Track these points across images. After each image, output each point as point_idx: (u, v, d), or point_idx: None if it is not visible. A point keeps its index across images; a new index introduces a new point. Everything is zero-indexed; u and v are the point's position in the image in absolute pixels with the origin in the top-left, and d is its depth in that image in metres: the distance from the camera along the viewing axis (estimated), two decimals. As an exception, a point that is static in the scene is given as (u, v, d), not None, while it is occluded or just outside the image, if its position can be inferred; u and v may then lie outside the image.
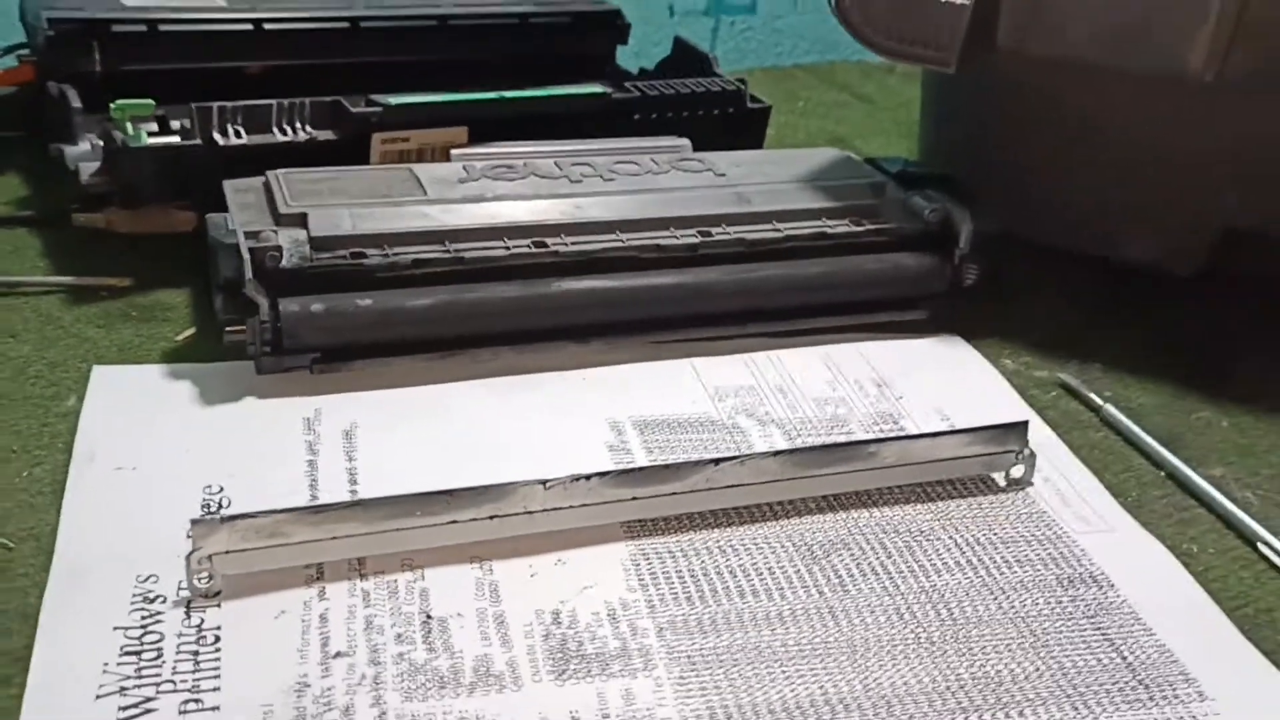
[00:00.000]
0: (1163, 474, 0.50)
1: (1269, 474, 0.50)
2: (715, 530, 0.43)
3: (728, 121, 0.69)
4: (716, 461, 0.43)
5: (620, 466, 0.43)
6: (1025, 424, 0.47)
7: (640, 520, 0.43)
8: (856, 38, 0.57)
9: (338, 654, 0.36)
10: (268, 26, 0.70)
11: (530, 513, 0.41)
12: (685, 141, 0.64)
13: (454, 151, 0.60)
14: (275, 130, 0.58)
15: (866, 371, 0.54)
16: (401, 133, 0.61)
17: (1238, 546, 0.46)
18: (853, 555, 0.43)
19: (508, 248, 0.52)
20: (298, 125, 0.59)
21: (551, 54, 0.79)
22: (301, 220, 0.50)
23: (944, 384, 0.54)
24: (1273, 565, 0.45)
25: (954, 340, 0.58)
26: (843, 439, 0.49)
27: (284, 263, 0.48)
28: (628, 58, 0.83)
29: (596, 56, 0.81)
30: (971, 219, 0.57)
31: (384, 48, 0.75)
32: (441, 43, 0.76)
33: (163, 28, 0.67)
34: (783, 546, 0.43)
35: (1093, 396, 0.54)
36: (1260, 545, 0.45)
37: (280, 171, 0.54)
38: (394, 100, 0.59)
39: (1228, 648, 0.40)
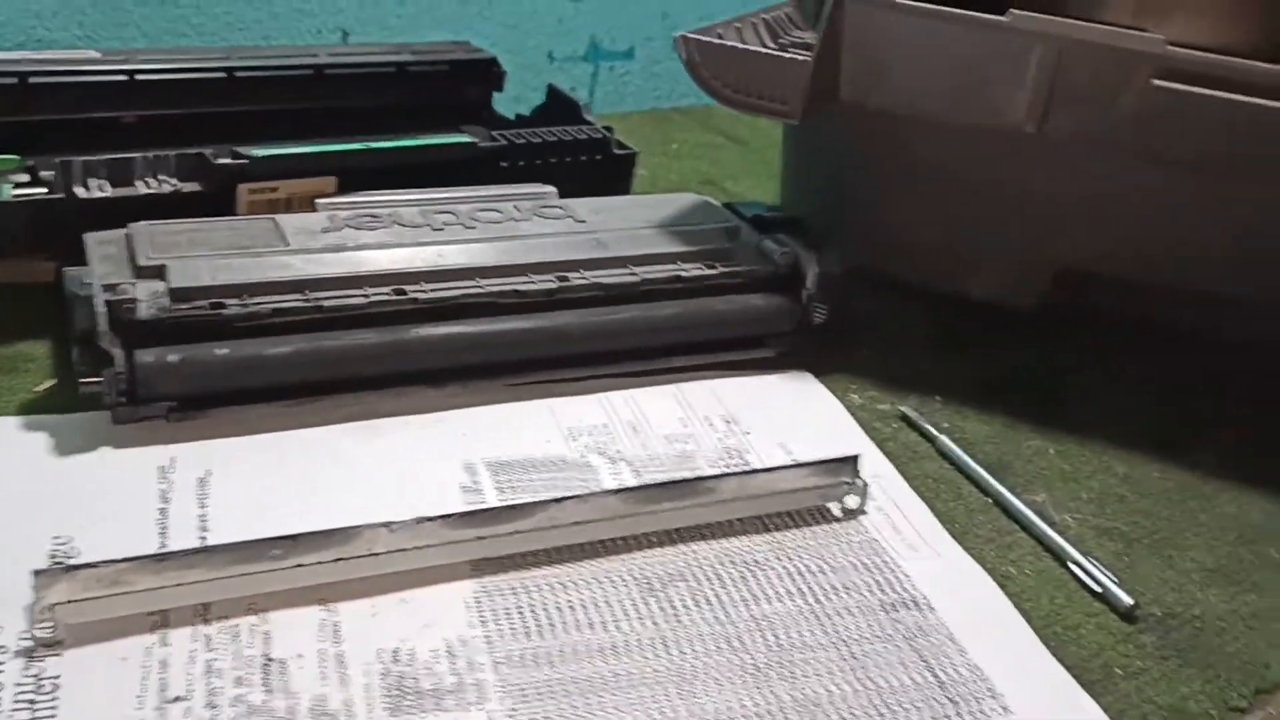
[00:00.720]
0: (989, 501, 0.53)
1: (1088, 498, 0.54)
2: (558, 566, 0.45)
3: (595, 167, 0.72)
4: (559, 500, 0.45)
5: (468, 507, 0.45)
6: (857, 457, 0.50)
7: (486, 559, 0.45)
8: (707, 92, 0.60)
9: (175, 699, 0.37)
10: (141, 77, 0.71)
11: (375, 554, 0.43)
12: (551, 189, 0.66)
13: (319, 201, 0.61)
14: (140, 183, 0.60)
15: (717, 408, 0.57)
16: (269, 183, 0.62)
17: (1053, 567, 0.49)
18: (689, 586, 0.45)
19: (367, 295, 0.53)
20: (162, 178, 0.60)
21: (429, 102, 0.81)
22: (160, 272, 0.52)
23: (790, 419, 0.57)
24: (1082, 584, 0.48)
25: (803, 376, 0.61)
26: (688, 474, 0.51)
27: (140, 314, 0.49)
28: (509, 103, 0.85)
29: (474, 104, 0.83)
30: (818, 262, 0.60)
31: (260, 97, 0.76)
32: (318, 92, 0.77)
33: (33, 80, 0.68)
34: (622, 580, 0.45)
35: (930, 428, 0.57)
36: (1071, 564, 0.48)
37: (143, 224, 0.55)
38: (259, 152, 0.61)
39: (1034, 663, 0.43)
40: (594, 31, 1.00)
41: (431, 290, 0.55)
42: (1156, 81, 0.54)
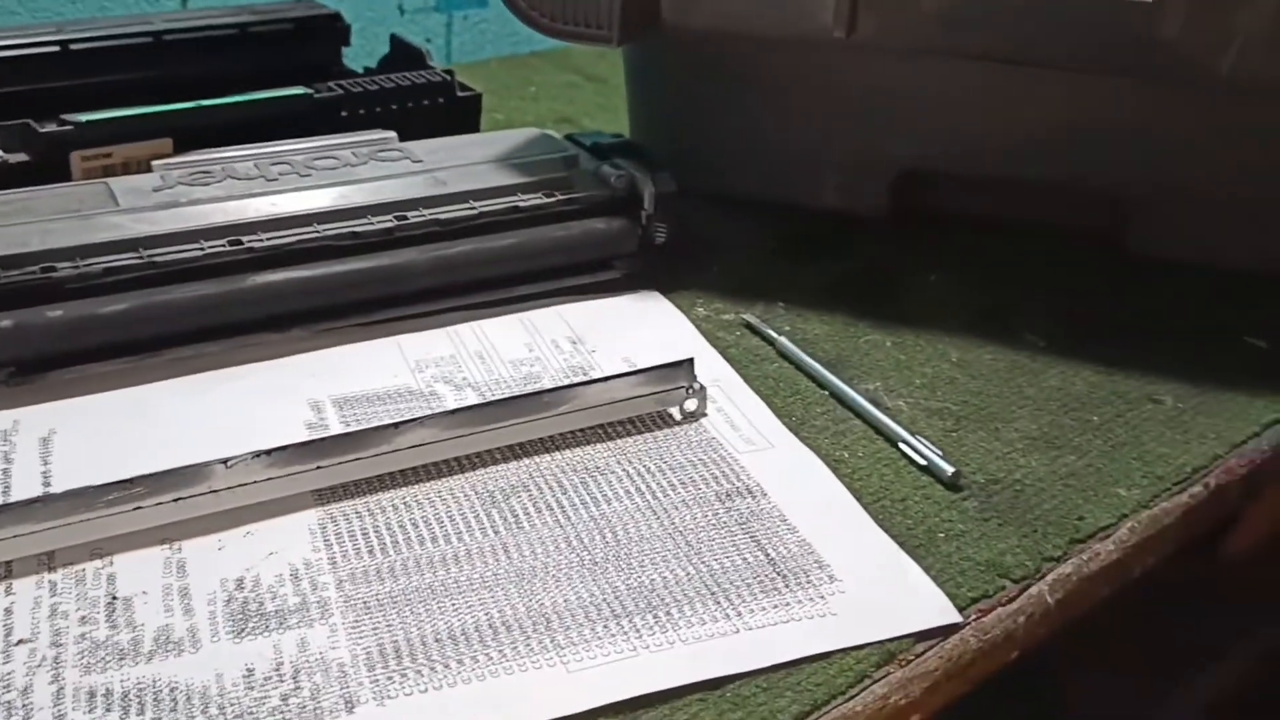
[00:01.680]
0: (826, 394, 0.55)
1: (920, 383, 0.56)
2: (401, 489, 0.46)
3: (439, 111, 0.73)
4: (396, 425, 0.46)
5: (305, 439, 0.46)
6: (691, 360, 0.52)
7: (330, 487, 0.46)
8: (524, 22, 0.61)
9: (19, 641, 0.38)
10: (-29, 55, 0.70)
11: (215, 491, 0.44)
12: (390, 134, 0.66)
13: (154, 163, 0.61)
14: (-37, 157, 0.59)
15: (563, 331, 0.58)
16: (102, 149, 0.62)
17: (884, 449, 0.51)
18: (530, 496, 0.47)
19: (203, 249, 0.54)
20: (-13, 150, 0.60)
21: (275, 63, 0.80)
22: (-13, 241, 0.51)
23: (635, 336, 0.58)
24: (911, 461, 0.50)
25: (650, 295, 0.62)
26: (532, 390, 0.52)
27: (-33, 283, 0.49)
28: (360, 58, 0.85)
29: (321, 62, 0.82)
30: (654, 182, 0.62)
31: (98, 69, 0.75)
32: (159, 61, 0.77)
33: None
34: (465, 495, 0.46)
35: (770, 331, 0.59)
36: (901, 444, 0.51)
37: (-32, 196, 0.55)
38: (85, 117, 0.61)
39: (861, 535, 0.46)
40: (443, -19, 1.00)
41: (268, 239, 0.55)
42: (951, -20, 0.56)
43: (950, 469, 0.49)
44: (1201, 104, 0.60)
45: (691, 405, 0.52)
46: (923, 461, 0.50)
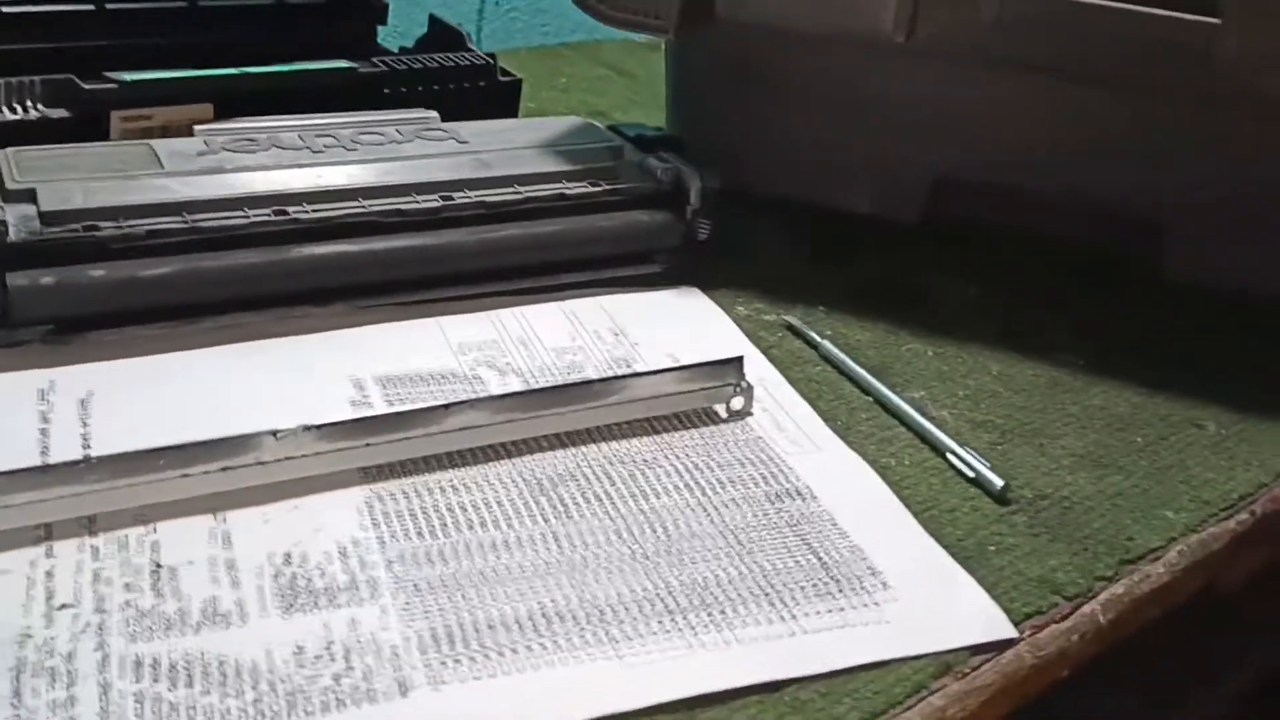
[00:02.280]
0: (870, 399, 0.54)
1: (963, 395, 0.56)
2: (449, 471, 0.46)
3: (479, 94, 0.72)
4: (446, 406, 0.46)
5: (354, 416, 0.45)
6: (740, 359, 0.51)
7: (377, 465, 0.45)
8: (583, 9, 0.60)
9: (63, 606, 0.37)
10: (7, 10, 0.69)
11: (263, 463, 0.43)
12: (433, 114, 0.66)
13: (196, 128, 0.60)
14: (4, 109, 0.58)
15: (605, 322, 0.58)
16: (143, 110, 0.61)
17: (931, 458, 0.51)
18: (579, 485, 0.46)
19: (247, 216, 0.53)
20: (28, 104, 0.58)
21: (309, 37, 0.79)
22: (30, 196, 0.50)
23: (678, 330, 0.58)
24: (958, 472, 0.50)
25: (691, 291, 0.62)
26: (581, 380, 0.52)
27: (10, 237, 0.48)
28: (395, 39, 0.84)
29: (356, 37, 0.81)
30: (701, 177, 0.61)
31: (131, 30, 0.73)
32: (193, 26, 0.75)
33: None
34: (513, 481, 0.46)
35: (813, 335, 0.58)
36: (949, 455, 0.50)
37: (10, 150, 0.53)
38: (129, 76, 0.59)
39: (913, 543, 0.45)
40: (478, -34, 0.99)
41: (313, 211, 0.54)
42: (1012, -8, 0.56)
43: (1000, 482, 0.48)
44: (1248, 127, 0.60)
45: (739, 404, 0.51)
46: (971, 473, 0.49)
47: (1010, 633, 0.41)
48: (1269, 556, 0.81)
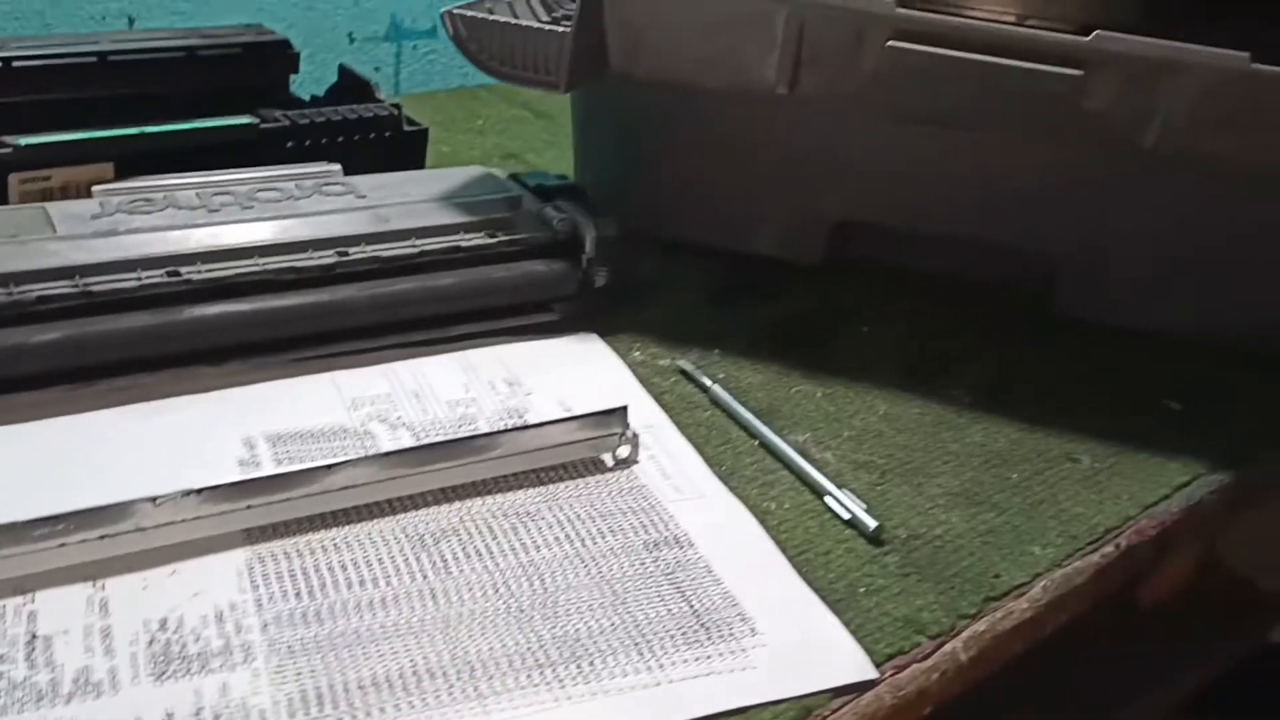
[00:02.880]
0: (756, 443, 0.56)
1: (848, 435, 0.57)
2: (332, 529, 0.47)
3: (386, 145, 0.73)
4: (329, 466, 0.47)
5: (238, 478, 0.46)
6: (625, 408, 0.53)
7: (260, 527, 0.46)
8: (476, 66, 0.62)
9: (-65, 680, 0.38)
10: (-91, 69, 0.69)
11: (143, 529, 0.43)
12: (335, 167, 0.67)
13: (95, 188, 0.61)
14: (-103, 176, 0.59)
15: (500, 372, 0.59)
16: (40, 172, 0.62)
17: (810, 501, 0.52)
18: (460, 540, 0.47)
19: (140, 279, 0.54)
20: (-78, 169, 0.59)
21: (222, 86, 0.80)
22: (-81, 264, 0.51)
23: (572, 378, 0.59)
24: (835, 514, 0.51)
25: (588, 338, 0.63)
26: (466, 434, 0.53)
27: (-103, 308, 0.49)
28: (311, 85, 0.86)
29: (268, 87, 0.82)
30: (596, 226, 0.62)
31: (41, 87, 0.74)
32: (104, 80, 0.76)
33: None
34: (395, 538, 0.47)
35: (704, 379, 0.60)
36: (827, 498, 0.52)
37: (-100, 217, 0.54)
38: (25, 140, 0.60)
39: (785, 588, 0.47)
40: (394, 11, 1.00)
41: (207, 271, 0.55)
42: (892, 42, 0.58)
43: (873, 523, 0.50)
44: (1126, 171, 0.62)
45: (624, 452, 0.53)
46: (847, 515, 0.51)
47: (871, 674, 0.43)
48: (1196, 563, 0.83)
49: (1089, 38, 0.55)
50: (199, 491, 0.44)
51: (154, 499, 0.43)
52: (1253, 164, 0.56)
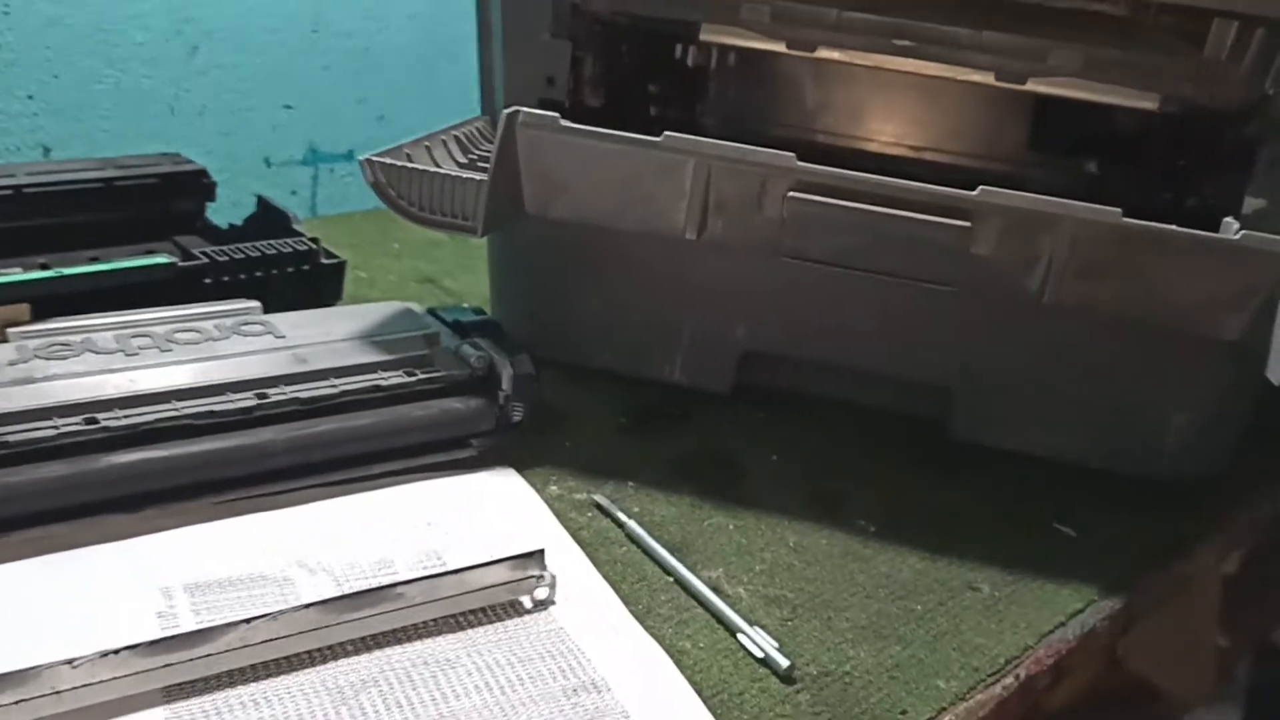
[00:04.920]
0: (671, 580, 0.58)
1: (760, 569, 0.59)
2: (253, 684, 0.47)
3: (304, 278, 0.74)
4: (249, 620, 0.47)
5: (156, 635, 0.46)
6: (542, 551, 0.54)
7: (178, 684, 0.46)
8: (394, 210, 0.64)
9: None
10: None
11: (59, 692, 0.43)
12: (255, 304, 0.68)
13: (10, 331, 0.61)
14: None
15: (419, 511, 0.60)
16: (-45, 314, 0.62)
17: (725, 639, 0.54)
18: (380, 691, 0.47)
19: (56, 428, 0.54)
20: None
21: (139, 216, 0.81)
22: None
23: (490, 516, 0.60)
24: (749, 653, 0.53)
25: (505, 473, 0.64)
26: (387, 579, 0.53)
27: None
28: (229, 209, 0.87)
29: (186, 215, 0.83)
30: (513, 364, 0.64)
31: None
32: (20, 212, 0.77)
33: None
34: (315, 691, 0.47)
35: (619, 515, 0.61)
36: (740, 636, 0.54)
37: None
38: (-62, 285, 0.60)
39: (700, 732, 0.48)
40: (311, 136, 1.02)
41: (125, 417, 0.55)
42: (793, 194, 0.61)
43: (785, 662, 0.52)
44: (1014, 310, 0.66)
45: (542, 594, 0.54)
46: (760, 654, 0.52)
47: (785, 820, 0.44)
48: (1093, 679, 0.86)
49: (975, 192, 0.59)
50: (116, 652, 0.44)
51: (71, 661, 0.43)
52: (1125, 313, 0.60)
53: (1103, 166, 0.89)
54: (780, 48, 0.72)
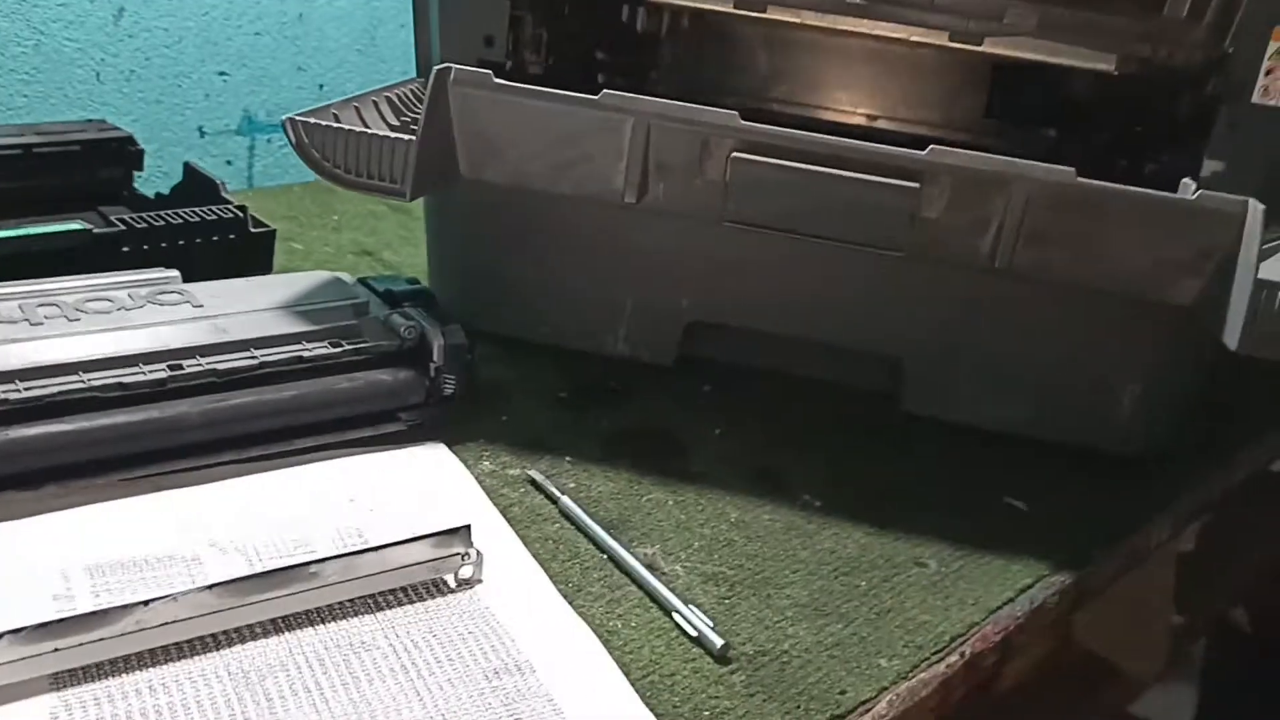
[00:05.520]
0: (605, 557, 0.55)
1: (699, 545, 0.57)
2: (148, 670, 0.44)
3: (231, 248, 0.71)
4: (145, 602, 0.44)
5: (56, 617, 0.43)
6: (468, 527, 0.51)
7: (69, 670, 0.43)
8: (318, 172, 0.60)
9: None
10: None
11: (-65, 680, 0.40)
12: (173, 273, 0.65)
13: (-91, 299, 0.58)
14: None
15: (342, 487, 0.57)
16: None
17: (658, 618, 0.51)
18: (289, 676, 0.45)
19: (-49, 400, 0.51)
20: None
21: (61, 184, 0.78)
22: None
23: (417, 492, 0.57)
24: (683, 632, 0.51)
25: (436, 448, 0.62)
26: (303, 558, 0.51)
27: None
28: (156, 182, 0.83)
29: (112, 184, 0.80)
30: (444, 334, 0.61)
31: None
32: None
33: None
34: (217, 677, 0.44)
35: (554, 490, 0.59)
36: (674, 614, 0.51)
37: None
38: None
39: (627, 717, 0.45)
40: (246, 105, 0.98)
41: (26, 389, 0.52)
42: (736, 154, 0.58)
43: (720, 642, 0.49)
44: (964, 277, 0.64)
45: (467, 573, 0.51)
46: (694, 633, 0.50)
47: (713, 807, 0.42)
48: (1045, 656, 0.85)
49: (924, 152, 0.57)
50: (1, 635, 0.41)
51: (-52, 646, 0.40)
52: (1079, 278, 0.58)
53: (1061, 132, 0.86)
54: (728, 7, 0.69)
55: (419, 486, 0.58)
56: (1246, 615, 1.29)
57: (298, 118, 0.60)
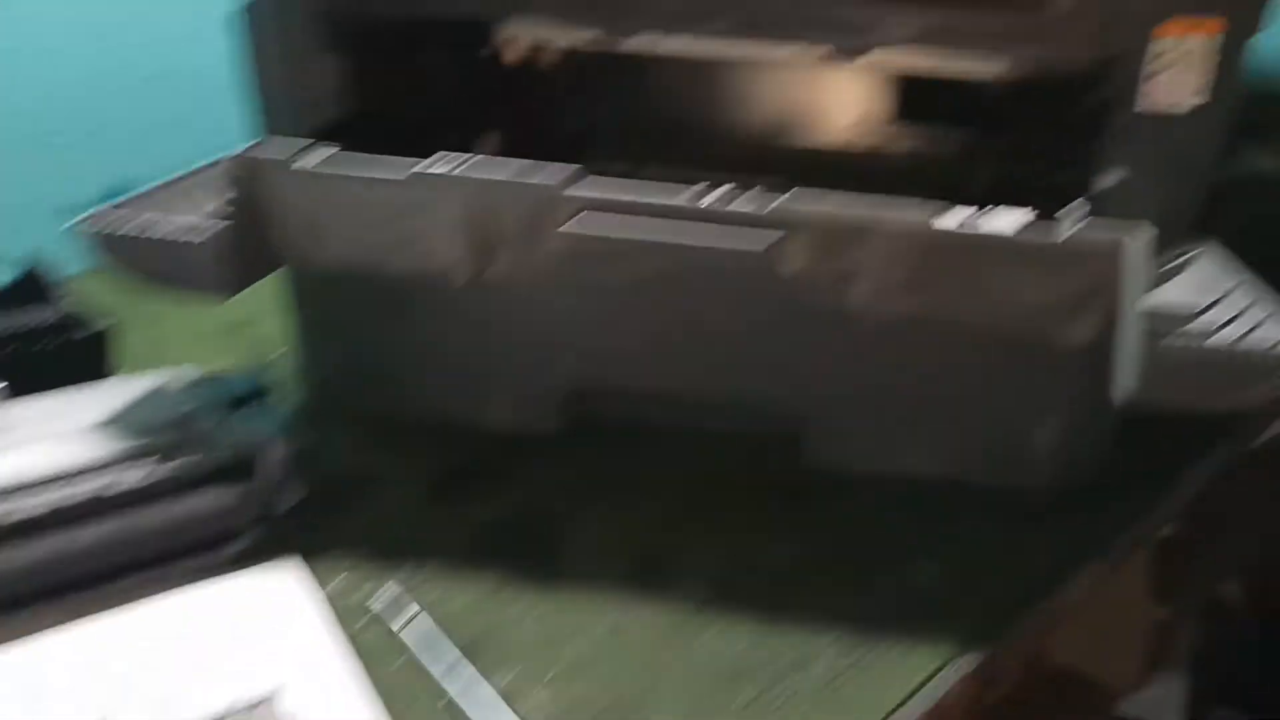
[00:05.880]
0: (449, 698, 0.49)
1: (565, 665, 0.51)
2: None
3: (58, 354, 0.65)
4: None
5: None
6: (275, 694, 0.45)
7: None
8: (124, 276, 0.54)
9: None
10: None
11: None
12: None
13: None
14: None
15: (154, 642, 0.51)
16: None
17: (508, 766, 0.46)
18: None
19: None
20: None
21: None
22: None
23: (246, 636, 0.51)
24: (532, 784, 0.45)
25: (285, 566, 0.56)
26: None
27: None
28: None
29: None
30: (273, 448, 0.56)
31: None
32: None
33: None
34: None
35: (397, 622, 0.53)
36: (524, 763, 0.46)
37: None
38: None
39: None
40: (112, 174, 0.92)
41: None
42: (578, 218, 0.52)
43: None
44: (860, 325, 0.58)
45: (285, 738, 0.46)
46: (542, 788, 0.45)
47: None
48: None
49: (774, 203, 0.51)
50: None
51: None
52: (965, 321, 0.52)
53: (975, 133, 0.80)
54: (585, 44, 0.62)
55: (251, 628, 0.52)
56: (1242, 588, 1.22)
57: (90, 220, 0.54)
